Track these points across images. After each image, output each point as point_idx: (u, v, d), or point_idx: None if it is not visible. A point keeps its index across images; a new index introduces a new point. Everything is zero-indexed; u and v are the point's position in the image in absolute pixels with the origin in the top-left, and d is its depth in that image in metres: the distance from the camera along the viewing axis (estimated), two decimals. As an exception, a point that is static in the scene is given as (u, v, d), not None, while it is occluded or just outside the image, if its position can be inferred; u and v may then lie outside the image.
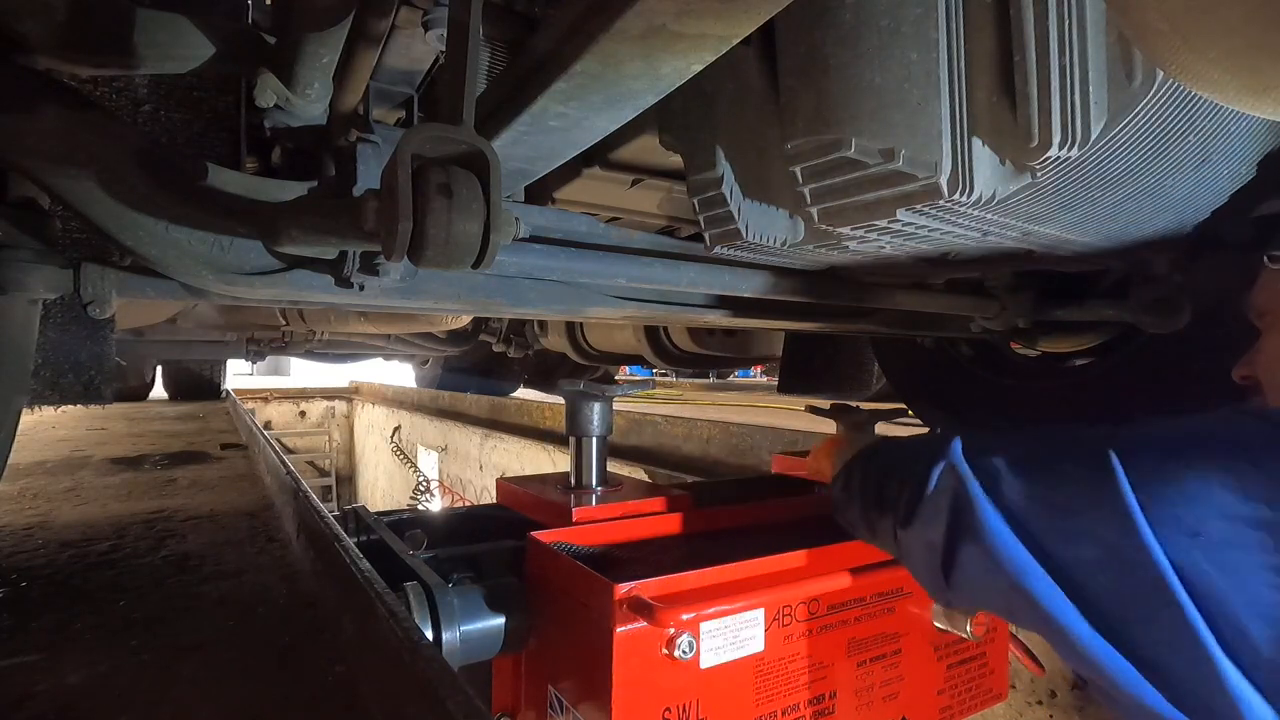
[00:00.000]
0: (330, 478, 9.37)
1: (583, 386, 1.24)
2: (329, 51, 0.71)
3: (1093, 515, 0.66)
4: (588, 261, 1.00)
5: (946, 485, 0.76)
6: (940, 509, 0.76)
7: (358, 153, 0.83)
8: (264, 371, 13.07)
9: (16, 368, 0.79)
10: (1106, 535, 0.65)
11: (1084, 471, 0.69)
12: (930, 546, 0.77)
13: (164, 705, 0.77)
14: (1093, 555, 0.66)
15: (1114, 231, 0.93)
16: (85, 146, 0.68)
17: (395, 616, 0.72)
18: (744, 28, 0.54)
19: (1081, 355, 1.68)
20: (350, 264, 0.82)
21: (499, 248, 0.55)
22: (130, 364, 4.98)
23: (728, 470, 3.06)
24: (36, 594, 1.11)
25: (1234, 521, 0.60)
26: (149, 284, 0.84)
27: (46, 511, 1.68)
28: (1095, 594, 0.66)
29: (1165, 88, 0.65)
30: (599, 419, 1.25)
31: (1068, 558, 0.67)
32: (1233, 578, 0.59)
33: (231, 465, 2.44)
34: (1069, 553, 0.67)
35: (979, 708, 1.20)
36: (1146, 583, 0.62)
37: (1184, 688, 0.61)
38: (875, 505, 0.87)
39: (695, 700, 0.87)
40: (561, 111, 0.67)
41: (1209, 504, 0.61)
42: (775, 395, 3.99)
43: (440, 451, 6.67)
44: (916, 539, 0.80)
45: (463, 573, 0.98)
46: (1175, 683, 0.62)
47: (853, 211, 0.81)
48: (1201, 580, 0.60)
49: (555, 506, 1.16)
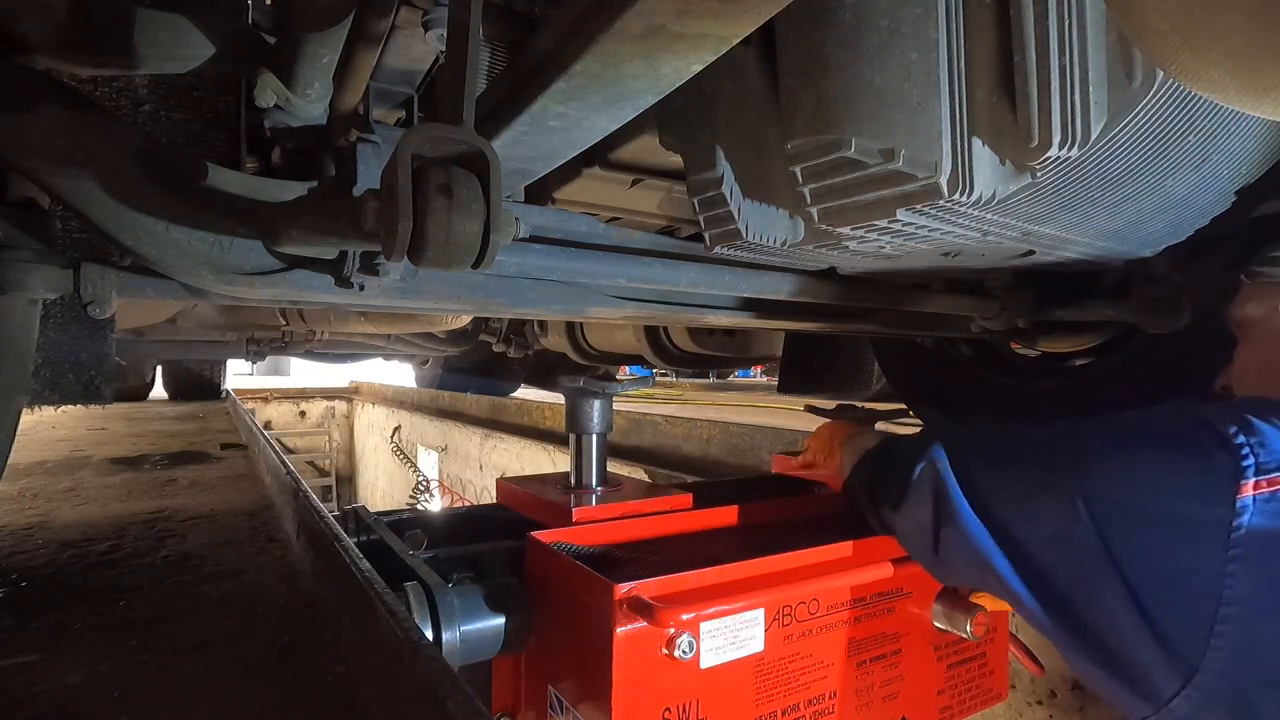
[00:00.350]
0: (330, 478, 9.37)
1: (582, 384, 1.24)
2: (329, 51, 0.70)
3: (1046, 498, 0.76)
4: (588, 261, 1.00)
5: (927, 476, 0.88)
6: (924, 496, 0.88)
7: (358, 153, 0.83)
8: (264, 371, 13.07)
9: (16, 368, 0.79)
10: (1057, 516, 0.74)
11: (1041, 460, 0.80)
12: (920, 528, 0.89)
13: (164, 705, 0.77)
14: (1047, 534, 0.76)
15: (1114, 231, 0.93)
16: (85, 146, 0.68)
17: (395, 616, 0.72)
18: (744, 28, 0.54)
19: (1081, 355, 1.68)
20: (350, 264, 0.82)
21: (499, 248, 0.55)
22: (130, 364, 4.98)
23: (728, 470, 3.06)
24: (36, 594, 1.11)
25: (1160, 503, 0.69)
26: (149, 284, 0.84)
27: (46, 511, 1.68)
28: (1048, 570, 0.75)
29: (1165, 88, 0.65)
30: (599, 416, 1.25)
31: (1027, 537, 0.77)
32: (1157, 554, 0.68)
33: (231, 465, 2.43)
34: (1028, 533, 0.77)
35: (979, 708, 1.20)
36: (1087, 557, 0.71)
37: (1119, 654, 0.70)
38: (881, 493, 0.99)
39: (695, 700, 0.87)
40: (561, 111, 0.67)
41: (1142, 488, 0.71)
42: (775, 395, 4.00)
43: (440, 451, 6.67)
44: (906, 520, 0.92)
45: (463, 573, 0.98)
46: (1111, 648, 0.71)
47: (853, 211, 0.81)
48: (1131, 555, 0.69)
49: (555, 506, 1.16)
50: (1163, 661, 0.67)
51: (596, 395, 1.24)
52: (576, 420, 1.25)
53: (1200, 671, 0.65)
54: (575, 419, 1.25)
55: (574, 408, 1.25)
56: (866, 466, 1.06)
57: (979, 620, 1.07)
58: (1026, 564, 0.77)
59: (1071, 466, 0.76)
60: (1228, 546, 0.65)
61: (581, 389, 1.24)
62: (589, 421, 1.25)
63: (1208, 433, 0.70)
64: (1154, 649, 0.67)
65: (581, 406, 1.24)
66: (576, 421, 1.25)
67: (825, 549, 1.03)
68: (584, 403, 1.24)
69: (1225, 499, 0.65)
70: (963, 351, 1.94)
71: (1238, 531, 0.65)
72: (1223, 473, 0.67)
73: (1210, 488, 0.67)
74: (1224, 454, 0.67)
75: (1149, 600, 0.67)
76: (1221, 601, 0.64)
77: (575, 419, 1.25)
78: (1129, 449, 0.74)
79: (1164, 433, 0.74)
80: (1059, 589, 0.75)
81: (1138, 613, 0.67)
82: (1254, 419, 0.69)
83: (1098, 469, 0.74)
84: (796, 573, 0.98)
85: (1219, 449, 0.68)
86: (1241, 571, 0.64)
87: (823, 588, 0.98)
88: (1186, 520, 0.68)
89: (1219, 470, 0.67)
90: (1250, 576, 0.64)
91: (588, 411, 1.24)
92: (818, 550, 1.02)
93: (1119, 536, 0.70)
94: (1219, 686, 0.65)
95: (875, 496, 1.00)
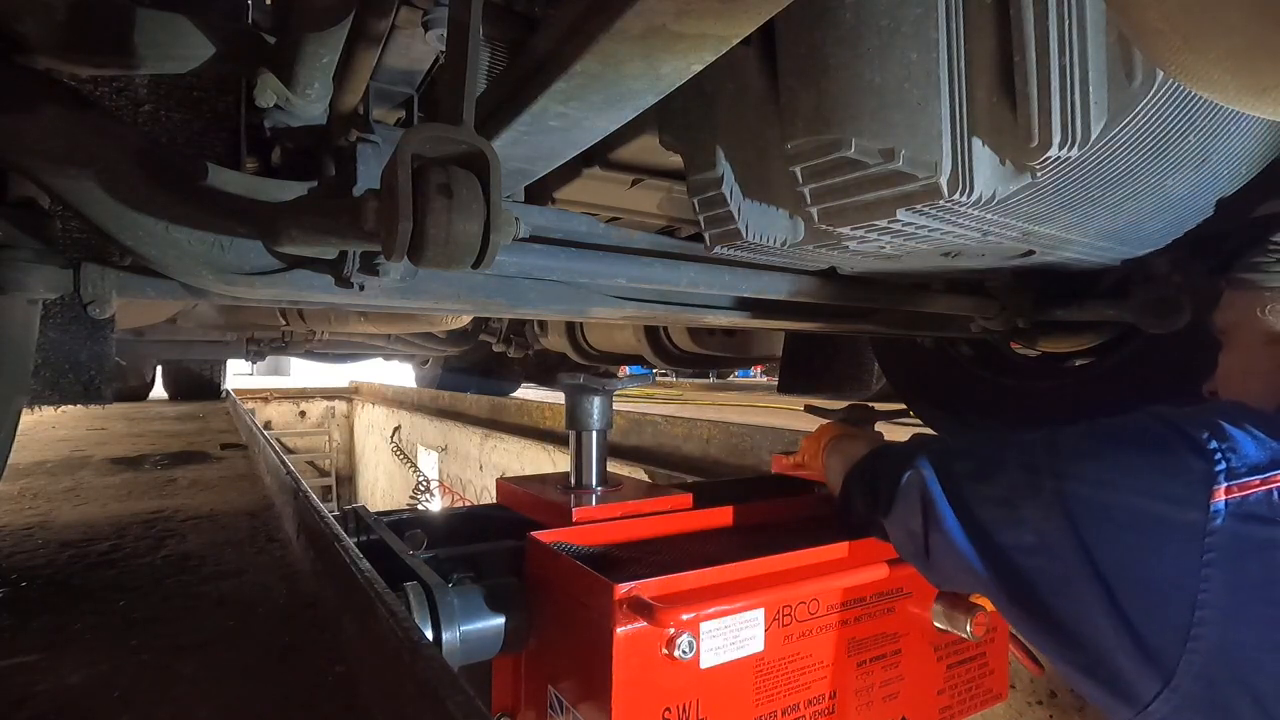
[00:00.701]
0: (330, 478, 9.37)
1: (583, 380, 1.23)
2: (329, 51, 0.71)
3: (1027, 505, 0.78)
4: (588, 261, 1.00)
5: (914, 483, 0.89)
6: (912, 503, 0.89)
7: (358, 153, 0.83)
8: (264, 371, 13.06)
9: (16, 368, 0.79)
10: (1039, 524, 0.76)
11: (1023, 468, 0.81)
12: (911, 535, 0.90)
13: (164, 705, 0.77)
14: (1029, 541, 0.77)
15: (1114, 231, 0.93)
16: (85, 146, 0.68)
17: (395, 616, 0.72)
18: (744, 28, 0.54)
19: (1081, 355, 1.68)
20: (350, 264, 0.82)
21: (499, 248, 0.55)
22: (130, 364, 4.98)
23: (728, 470, 3.05)
24: (36, 594, 1.11)
25: (1136, 506, 0.70)
26: (149, 284, 0.84)
27: (46, 511, 1.68)
28: (1031, 577, 0.76)
29: (1165, 88, 0.65)
30: (599, 413, 1.25)
31: (1011, 543, 0.78)
32: (1134, 556, 0.69)
33: (231, 465, 2.43)
34: (1012, 539, 0.78)
35: (979, 708, 1.20)
36: (1068, 562, 0.72)
37: (1100, 658, 0.71)
38: (871, 501, 1.00)
39: (695, 700, 0.87)
40: (561, 111, 0.67)
41: (1119, 489, 0.72)
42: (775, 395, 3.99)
43: (440, 451, 6.67)
44: (898, 527, 0.94)
45: (463, 573, 0.98)
46: (1092, 652, 0.71)
47: (853, 211, 0.81)
48: (1110, 559, 0.70)
49: (555, 506, 1.16)
50: (1141, 665, 0.67)
51: (597, 392, 1.24)
52: (576, 417, 1.25)
53: (1177, 674, 0.65)
54: (575, 416, 1.25)
55: (574, 404, 1.25)
56: (856, 475, 1.06)
57: (979, 620, 1.07)
58: (1010, 571, 0.78)
59: (1051, 472, 0.77)
60: (1202, 550, 0.65)
61: (582, 385, 1.24)
62: (589, 418, 1.24)
63: (1180, 437, 0.71)
64: (1132, 652, 0.67)
65: (581, 403, 1.24)
66: (576, 418, 1.25)
67: (825, 549, 1.03)
68: (584, 399, 1.24)
69: (1199, 503, 0.66)
70: (963, 351, 1.94)
71: (1211, 535, 0.65)
72: (1196, 477, 0.67)
73: (1184, 492, 0.67)
74: (1196, 458, 0.68)
75: (1126, 603, 0.68)
76: (1196, 605, 0.65)
77: (575, 416, 1.25)
78: (1105, 453, 0.75)
79: (1138, 437, 0.75)
80: (1041, 594, 0.75)
81: (1117, 617, 0.68)
82: (1225, 424, 0.69)
83: (1076, 474, 0.75)
84: (796, 573, 0.98)
85: (1191, 453, 0.69)
86: (1216, 575, 0.64)
87: (823, 588, 0.98)
88: (1162, 524, 0.68)
89: (1192, 474, 0.67)
90: (1224, 580, 0.64)
91: (587, 408, 1.24)
92: (818, 550, 1.02)
93: (1097, 540, 0.70)
94: (1195, 689, 0.65)
95: (866, 504, 1.02)
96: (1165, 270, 1.19)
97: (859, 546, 1.05)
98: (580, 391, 1.24)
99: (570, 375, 1.25)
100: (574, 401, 1.25)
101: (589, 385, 1.23)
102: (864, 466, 1.06)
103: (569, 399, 1.26)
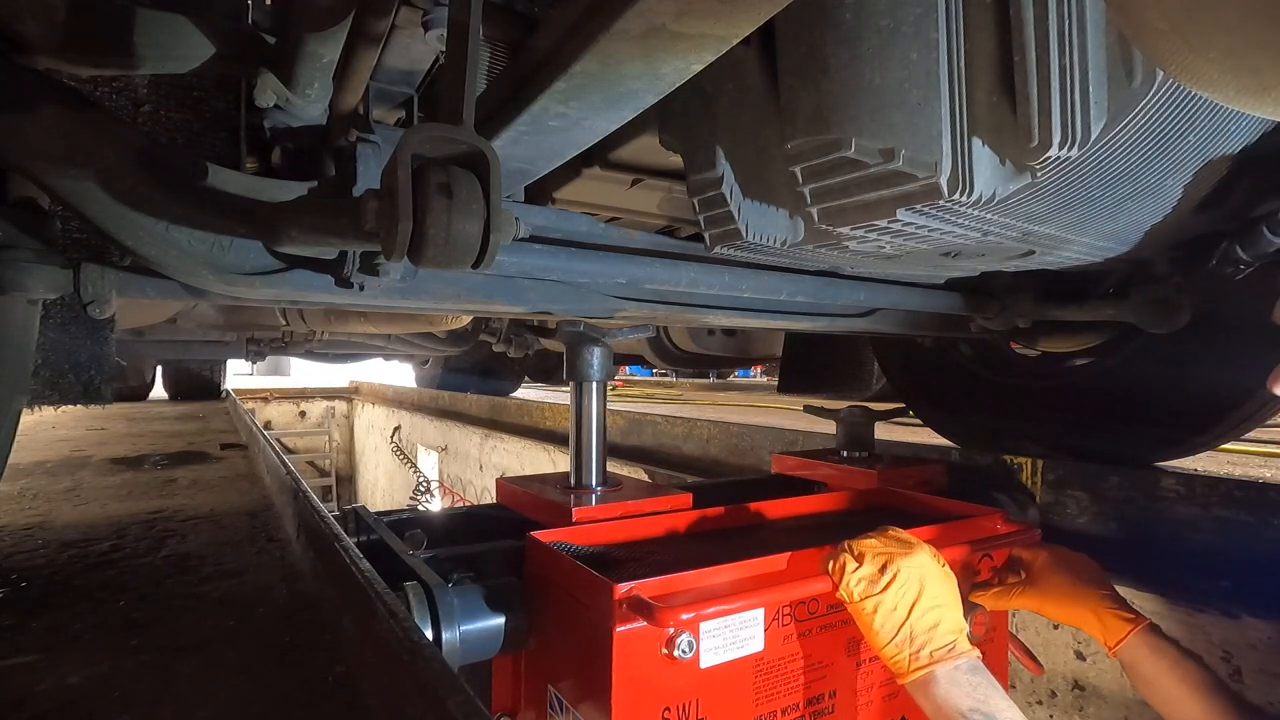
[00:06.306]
0: (330, 478, 9.36)
1: (582, 328, 1.22)
2: (329, 51, 0.71)
3: None
4: (588, 261, 1.00)
5: None
6: None
7: (358, 153, 0.83)
8: (264, 371, 13.07)
9: (16, 368, 0.79)
10: None
11: None
12: None
13: (164, 705, 0.77)
14: None
15: (1114, 231, 0.93)
16: (85, 146, 0.68)
17: (395, 616, 0.72)
18: (744, 28, 0.54)
19: (1082, 355, 1.68)
20: (350, 264, 0.82)
21: (499, 248, 0.55)
22: (130, 364, 4.98)
23: (728, 470, 3.05)
24: (36, 594, 1.11)
25: None
26: (149, 284, 0.84)
27: (46, 511, 1.68)
28: None
29: (1165, 88, 0.65)
30: (599, 363, 1.23)
31: None
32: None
33: (231, 465, 2.44)
34: None
35: (979, 708, 1.20)
36: None
37: None
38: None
39: (695, 700, 0.87)
40: (561, 111, 0.67)
41: None
42: (775, 395, 3.99)
43: (440, 451, 6.66)
44: None
45: (463, 573, 0.98)
46: None
47: (853, 211, 0.81)
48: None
49: (555, 506, 1.16)
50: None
51: (596, 342, 1.21)
52: (576, 367, 1.22)
53: None
54: (575, 365, 1.22)
55: (574, 354, 1.22)
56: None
57: (979, 620, 1.07)
58: None
59: None
60: None
61: (582, 333, 1.21)
62: (589, 368, 1.22)
63: None
64: None
65: (581, 353, 1.22)
66: (576, 368, 1.22)
67: (825, 549, 1.03)
68: (584, 349, 1.21)
69: None
70: (963, 351, 1.94)
71: None
72: None
73: None
74: None
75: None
76: None
77: (575, 365, 1.22)
78: None
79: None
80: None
81: None
82: None
83: None
84: (797, 572, 0.98)
85: None
86: None
87: (823, 588, 0.98)
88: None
89: None
90: None
91: (587, 358, 1.22)
92: (818, 550, 1.02)
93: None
94: None
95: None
96: (1165, 270, 1.19)
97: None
98: (581, 340, 1.21)
99: (570, 323, 1.22)
100: (574, 351, 1.22)
101: (589, 334, 1.21)
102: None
103: (569, 349, 1.23)
